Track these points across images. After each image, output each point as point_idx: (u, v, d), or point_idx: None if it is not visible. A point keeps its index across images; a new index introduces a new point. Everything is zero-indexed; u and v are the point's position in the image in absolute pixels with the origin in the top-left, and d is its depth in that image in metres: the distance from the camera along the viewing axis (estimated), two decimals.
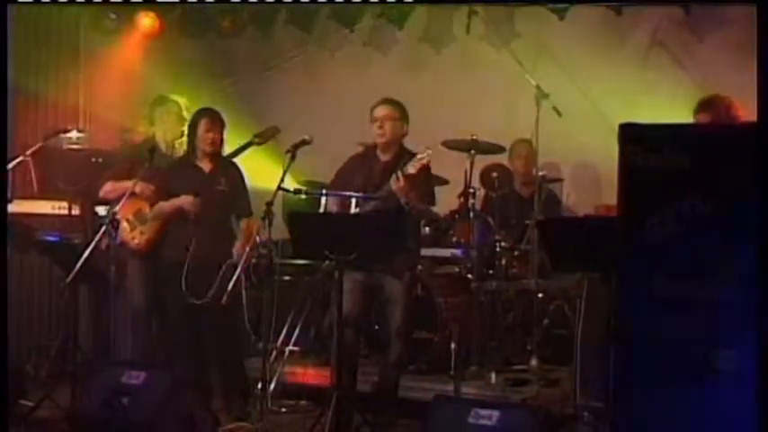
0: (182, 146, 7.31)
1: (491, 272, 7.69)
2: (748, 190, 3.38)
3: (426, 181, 6.59)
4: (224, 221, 6.92)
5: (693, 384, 3.51)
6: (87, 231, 7.63)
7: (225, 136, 6.98)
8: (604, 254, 5.35)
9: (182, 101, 7.54)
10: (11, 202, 7.01)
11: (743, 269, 3.42)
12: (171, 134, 7.39)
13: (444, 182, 7.73)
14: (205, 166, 6.90)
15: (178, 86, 8.17)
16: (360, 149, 6.91)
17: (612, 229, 3.85)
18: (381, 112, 6.65)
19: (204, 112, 6.95)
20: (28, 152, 7.40)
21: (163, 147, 7.42)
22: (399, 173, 6.32)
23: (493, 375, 7.10)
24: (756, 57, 3.97)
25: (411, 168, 6.33)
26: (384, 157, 6.65)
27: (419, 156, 6.32)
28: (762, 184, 3.31)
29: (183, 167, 6.98)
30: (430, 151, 6.36)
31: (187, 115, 7.34)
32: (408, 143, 6.67)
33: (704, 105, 6.22)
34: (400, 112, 6.68)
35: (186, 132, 7.06)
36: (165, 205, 6.92)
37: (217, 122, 6.90)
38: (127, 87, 9.09)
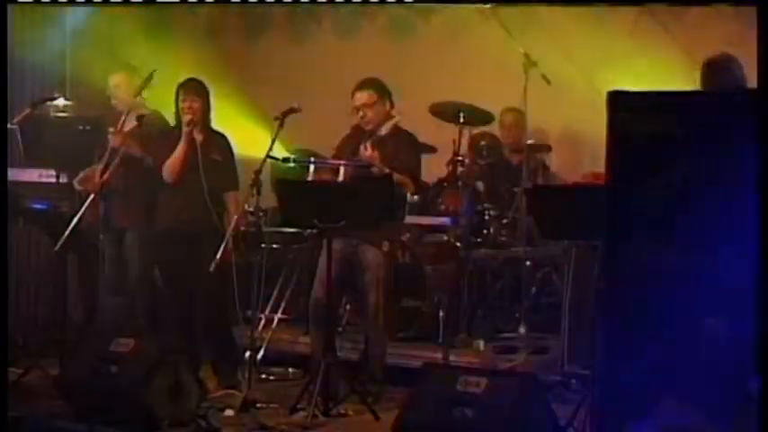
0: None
1: (479, 240, 7.69)
2: (738, 157, 3.38)
3: (401, 144, 6.55)
4: (217, 191, 6.89)
5: (681, 352, 3.52)
6: (75, 199, 7.60)
7: (211, 103, 6.94)
8: (592, 222, 5.40)
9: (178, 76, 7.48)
10: None
11: (732, 237, 3.42)
12: (162, 104, 7.32)
13: (432, 150, 7.72)
14: (197, 135, 6.85)
15: (165, 54, 8.12)
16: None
17: (601, 197, 3.84)
18: (361, 99, 6.55)
19: (182, 83, 6.91)
20: (15, 120, 7.36)
21: (153, 117, 7.38)
22: (368, 142, 6.30)
23: (481, 343, 7.13)
24: (757, 56, 3.94)
25: (384, 130, 6.33)
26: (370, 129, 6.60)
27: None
28: (758, 156, 3.31)
29: (176, 137, 6.90)
30: (397, 117, 6.37)
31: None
32: (395, 111, 6.63)
33: (711, 65, 6.11)
34: (380, 93, 6.57)
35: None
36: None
37: (192, 91, 6.83)
38: (114, 55, 9.01)
